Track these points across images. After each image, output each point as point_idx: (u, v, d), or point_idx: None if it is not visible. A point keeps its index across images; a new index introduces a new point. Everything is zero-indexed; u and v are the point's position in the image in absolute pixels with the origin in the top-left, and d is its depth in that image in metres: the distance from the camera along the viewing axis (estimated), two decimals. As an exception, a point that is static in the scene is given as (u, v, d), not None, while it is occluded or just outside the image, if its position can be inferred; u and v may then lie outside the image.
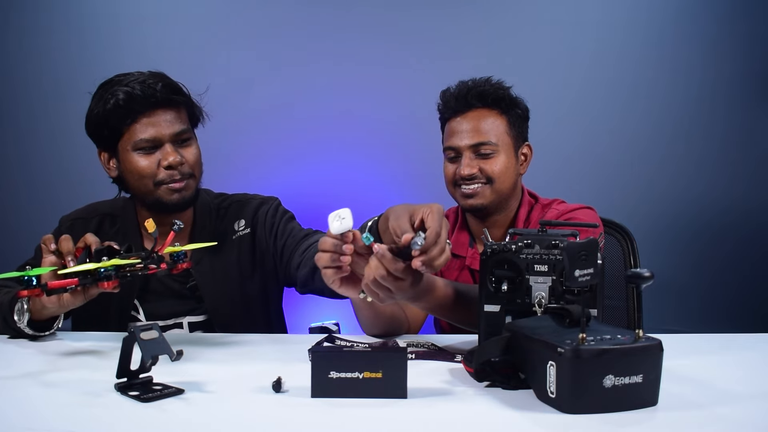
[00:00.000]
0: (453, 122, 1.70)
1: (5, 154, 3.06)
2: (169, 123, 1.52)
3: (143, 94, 1.49)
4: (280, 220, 1.68)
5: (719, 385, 1.12)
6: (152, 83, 1.50)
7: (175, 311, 1.62)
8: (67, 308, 1.33)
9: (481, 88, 1.69)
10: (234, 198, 1.72)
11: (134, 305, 1.60)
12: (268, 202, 1.71)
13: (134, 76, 1.52)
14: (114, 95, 1.50)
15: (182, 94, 1.56)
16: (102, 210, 1.67)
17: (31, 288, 1.17)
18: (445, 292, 1.29)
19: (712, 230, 3.11)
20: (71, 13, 3.06)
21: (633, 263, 1.91)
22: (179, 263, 1.31)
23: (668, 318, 2.54)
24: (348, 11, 3.07)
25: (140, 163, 1.52)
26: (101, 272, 1.22)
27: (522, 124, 1.74)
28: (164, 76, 1.55)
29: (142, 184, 1.53)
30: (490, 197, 1.67)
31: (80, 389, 1.08)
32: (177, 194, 1.54)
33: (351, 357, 1.03)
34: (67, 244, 1.28)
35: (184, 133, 1.55)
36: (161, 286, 1.62)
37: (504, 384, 1.08)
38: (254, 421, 0.97)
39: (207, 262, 1.61)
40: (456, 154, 1.69)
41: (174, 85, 1.55)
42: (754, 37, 3.08)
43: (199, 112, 1.62)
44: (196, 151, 1.58)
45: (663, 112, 3.10)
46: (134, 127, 1.51)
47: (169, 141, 1.52)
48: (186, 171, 1.54)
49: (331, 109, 3.05)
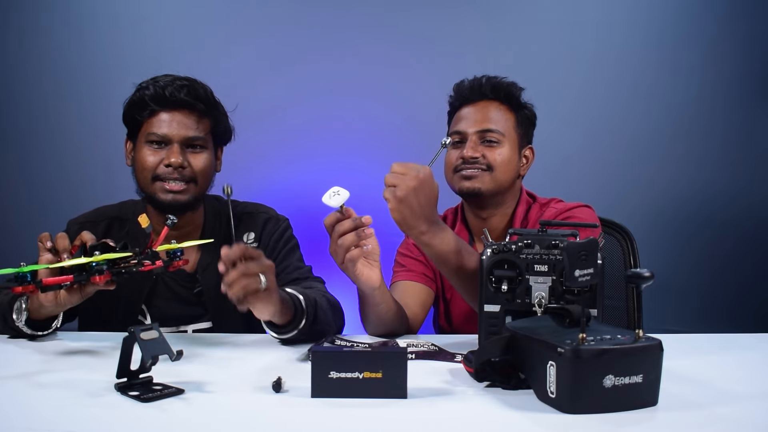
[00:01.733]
0: (463, 110, 1.72)
1: (5, 154, 3.06)
2: (183, 126, 1.56)
3: (167, 93, 1.55)
4: (283, 248, 1.68)
5: (719, 385, 1.12)
6: (180, 85, 1.56)
7: (180, 316, 1.62)
8: (65, 307, 1.33)
9: (496, 81, 1.72)
10: (245, 208, 1.72)
11: (141, 309, 1.61)
12: (277, 222, 1.71)
13: (173, 77, 1.58)
14: (146, 88, 1.57)
15: (205, 103, 1.58)
16: (110, 213, 1.68)
17: (25, 284, 1.17)
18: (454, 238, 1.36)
19: (712, 230, 3.11)
20: (71, 13, 3.06)
21: (633, 263, 1.91)
22: (175, 260, 1.31)
23: (668, 318, 2.54)
24: (348, 11, 3.07)
25: (146, 156, 1.56)
26: (93, 266, 1.22)
27: (528, 127, 1.75)
28: (197, 85, 1.59)
29: (142, 176, 1.58)
30: (488, 184, 1.67)
31: (80, 389, 1.08)
32: (171, 195, 1.55)
33: (351, 357, 1.03)
34: (63, 242, 1.29)
35: (196, 139, 1.57)
36: (168, 291, 1.63)
37: (504, 384, 1.08)
38: (254, 421, 0.97)
39: (213, 270, 1.61)
40: (461, 138, 1.70)
41: (201, 93, 1.58)
42: (754, 37, 3.08)
43: (226, 128, 1.65)
44: (205, 161, 1.59)
45: (663, 112, 3.10)
46: (151, 121, 1.57)
47: (178, 142, 1.55)
48: (187, 175, 1.56)
49: (332, 109, 3.05)
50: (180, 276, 1.62)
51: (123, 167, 1.66)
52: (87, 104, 3.01)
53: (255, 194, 1.81)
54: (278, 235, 1.69)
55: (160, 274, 1.59)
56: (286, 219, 1.74)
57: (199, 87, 1.59)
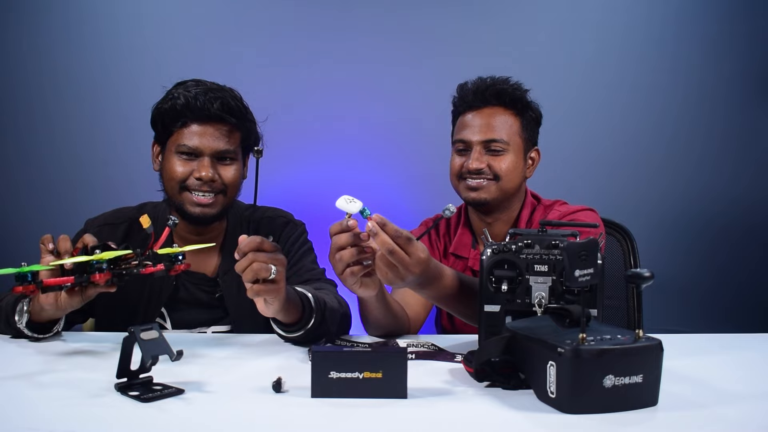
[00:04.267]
0: (467, 116, 1.71)
1: (5, 154, 3.06)
2: (215, 138, 1.55)
3: (199, 105, 1.53)
4: (298, 250, 1.69)
5: (719, 385, 1.12)
6: (212, 97, 1.54)
7: (201, 321, 1.63)
8: (65, 310, 1.33)
9: (500, 86, 1.70)
10: (265, 213, 1.73)
11: (161, 313, 1.61)
12: (295, 226, 1.73)
13: (204, 86, 1.56)
14: (176, 97, 1.55)
15: (237, 116, 1.57)
16: (130, 215, 1.67)
17: (26, 284, 1.17)
18: (452, 281, 1.30)
19: (712, 230, 3.11)
20: (71, 13, 3.06)
21: (633, 263, 1.91)
22: (177, 264, 1.31)
23: (668, 318, 2.54)
24: (348, 11, 3.07)
25: (176, 167, 1.55)
26: (93, 264, 1.22)
27: (534, 129, 1.74)
28: (230, 95, 1.57)
29: (170, 185, 1.57)
30: (494, 193, 1.67)
31: (80, 389, 1.08)
32: (200, 208, 1.55)
33: (351, 357, 1.03)
34: (64, 244, 1.29)
35: (226, 152, 1.57)
36: (189, 296, 1.63)
37: (504, 384, 1.08)
38: (254, 421, 0.97)
39: (234, 274, 1.62)
40: (465, 147, 1.69)
41: (233, 106, 1.57)
42: (754, 37, 3.08)
43: (256, 138, 1.65)
44: (235, 173, 1.59)
45: (663, 112, 3.10)
46: (182, 132, 1.55)
47: (209, 155, 1.55)
48: (217, 188, 1.56)
49: (331, 109, 3.05)
50: (201, 280, 1.63)
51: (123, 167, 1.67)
52: (87, 104, 3.01)
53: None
54: (294, 238, 1.70)
55: (181, 279, 1.61)
56: (303, 224, 1.76)
57: (231, 99, 1.57)
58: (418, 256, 1.18)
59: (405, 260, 1.17)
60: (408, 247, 1.17)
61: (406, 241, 1.16)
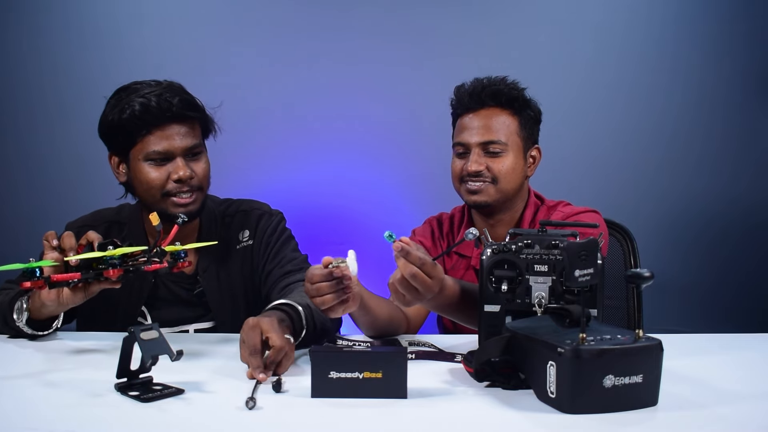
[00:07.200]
0: (465, 118, 1.70)
1: (5, 154, 3.06)
2: (182, 137, 1.52)
3: (159, 107, 1.49)
4: (276, 241, 1.67)
5: (719, 385, 1.12)
6: (169, 97, 1.50)
7: (182, 318, 1.62)
8: (66, 306, 1.33)
9: (496, 87, 1.69)
10: (240, 207, 1.71)
11: (142, 311, 1.61)
12: (270, 217, 1.70)
13: (151, 87, 1.52)
14: (130, 105, 1.49)
15: (197, 110, 1.56)
16: (108, 217, 1.67)
17: (34, 279, 1.17)
18: (453, 290, 1.30)
19: (712, 230, 3.10)
20: (71, 13, 3.06)
21: (633, 263, 1.91)
22: (179, 261, 1.31)
23: (668, 318, 2.54)
24: (348, 11, 3.07)
25: (150, 174, 1.52)
26: (107, 260, 1.22)
27: (533, 127, 1.74)
28: (181, 90, 1.55)
29: (149, 194, 1.54)
30: (494, 195, 1.67)
31: (81, 389, 1.08)
32: (183, 208, 1.53)
33: (351, 357, 1.03)
34: (69, 240, 1.29)
35: (195, 147, 1.55)
36: (169, 293, 1.62)
37: (504, 384, 1.08)
38: (254, 421, 0.97)
39: (213, 270, 1.62)
40: (465, 149, 1.69)
41: (190, 99, 1.55)
42: (754, 37, 3.07)
43: (212, 126, 1.63)
44: (205, 165, 1.58)
45: (663, 112, 3.10)
46: (148, 139, 1.51)
47: (180, 155, 1.53)
48: (195, 185, 1.55)
49: (332, 109, 3.05)
50: (180, 278, 1.62)
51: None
52: (87, 104, 2.99)
53: (254, 194, 1.81)
54: (271, 230, 1.68)
55: (160, 276, 1.60)
56: (280, 212, 1.73)
57: (183, 93, 1.54)
58: (439, 278, 1.20)
59: (426, 282, 1.18)
60: (432, 271, 1.19)
61: (431, 267, 1.18)
